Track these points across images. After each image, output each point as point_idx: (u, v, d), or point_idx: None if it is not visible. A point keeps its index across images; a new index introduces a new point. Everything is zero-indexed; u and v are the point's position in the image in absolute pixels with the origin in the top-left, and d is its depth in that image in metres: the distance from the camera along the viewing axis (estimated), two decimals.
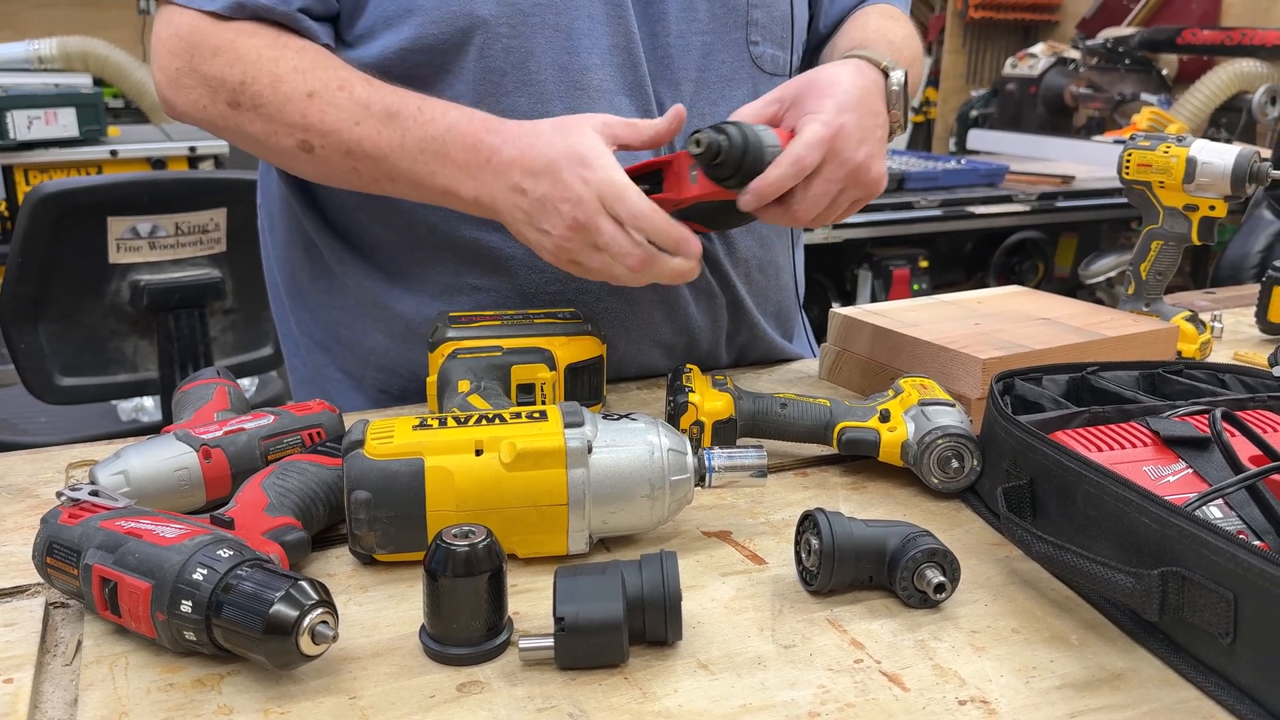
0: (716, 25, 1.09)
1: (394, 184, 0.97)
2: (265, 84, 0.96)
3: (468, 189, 0.93)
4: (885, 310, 1.16)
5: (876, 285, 3.57)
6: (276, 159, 1.03)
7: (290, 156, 0.99)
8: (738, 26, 1.11)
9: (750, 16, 1.11)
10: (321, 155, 0.97)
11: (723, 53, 1.10)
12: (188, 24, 0.99)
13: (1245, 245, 3.11)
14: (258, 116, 0.97)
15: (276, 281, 1.25)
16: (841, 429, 0.90)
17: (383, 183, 0.98)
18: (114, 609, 0.63)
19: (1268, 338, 1.37)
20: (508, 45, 1.00)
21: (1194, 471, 0.76)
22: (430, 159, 0.94)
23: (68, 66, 4.45)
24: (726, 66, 1.11)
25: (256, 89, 0.96)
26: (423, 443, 0.73)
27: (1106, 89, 4.95)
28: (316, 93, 0.95)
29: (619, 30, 1.04)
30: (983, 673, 0.63)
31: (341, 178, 1.00)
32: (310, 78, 0.96)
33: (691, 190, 0.92)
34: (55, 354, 2.05)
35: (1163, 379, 0.94)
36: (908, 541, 0.70)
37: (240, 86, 0.97)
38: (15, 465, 0.93)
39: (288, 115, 0.96)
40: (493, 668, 0.63)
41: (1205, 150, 1.13)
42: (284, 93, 0.96)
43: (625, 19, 1.04)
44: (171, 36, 1.00)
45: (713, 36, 1.09)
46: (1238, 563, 0.59)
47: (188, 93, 1.00)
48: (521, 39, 1.01)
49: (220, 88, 0.98)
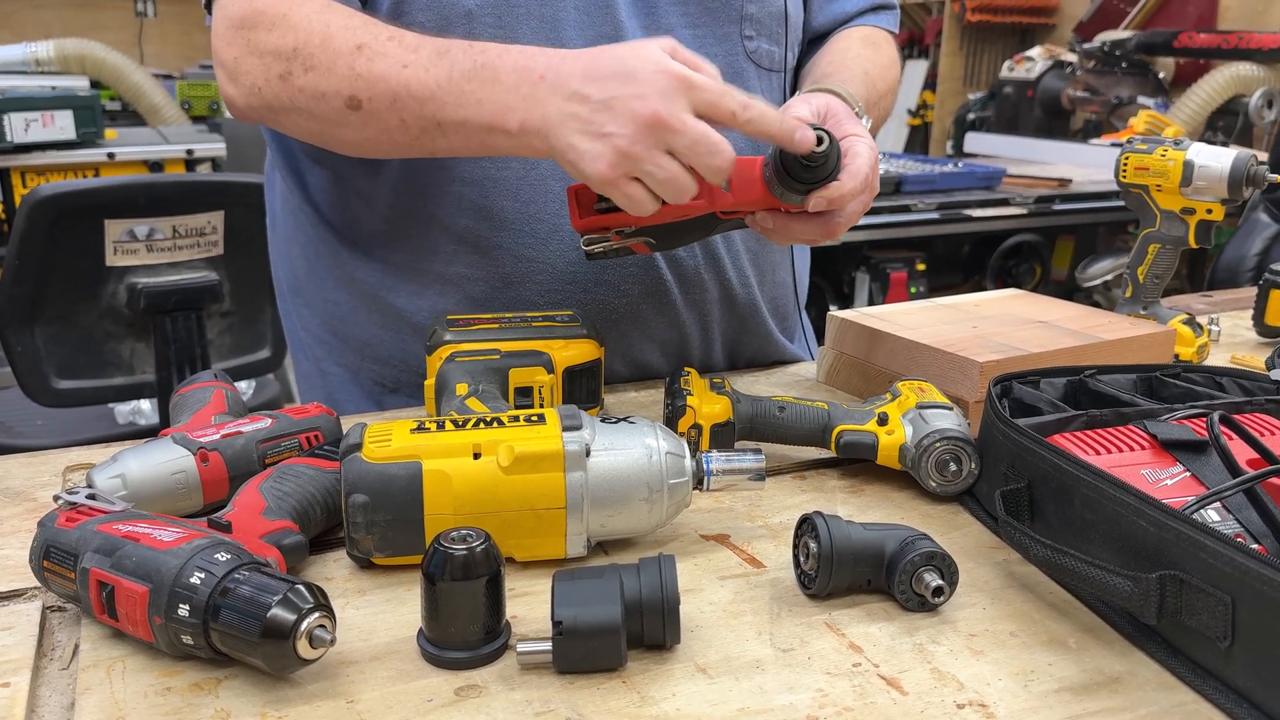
0: (709, 19, 1.10)
1: (440, 131, 0.91)
2: (316, 44, 0.93)
3: (515, 115, 0.86)
4: (883, 313, 1.16)
5: (874, 288, 3.57)
6: (327, 129, 0.98)
7: (339, 120, 0.95)
8: (731, 21, 1.11)
9: (744, 11, 1.12)
10: (369, 110, 0.92)
11: (716, 47, 1.11)
12: (243, 7, 0.97)
13: (1242, 248, 3.12)
14: (308, 81, 0.94)
15: (280, 278, 1.26)
16: (840, 432, 0.90)
17: (431, 132, 0.92)
18: (111, 613, 0.63)
19: (1265, 340, 1.37)
20: (494, 36, 1.01)
21: (1192, 475, 0.76)
22: (479, 86, 0.88)
23: (65, 69, 4.46)
24: (721, 61, 1.10)
25: (308, 51, 0.93)
26: (420, 446, 0.73)
27: (1103, 92, 4.96)
28: (366, 45, 0.92)
29: (607, 21, 1.04)
30: (981, 676, 0.63)
31: (388, 137, 0.95)
32: (360, 33, 0.93)
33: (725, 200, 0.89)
34: (52, 356, 2.05)
35: (1160, 382, 0.94)
36: (906, 545, 0.70)
37: (293, 53, 0.94)
38: (12, 468, 0.93)
39: (337, 70, 0.92)
40: (491, 671, 0.63)
41: (1202, 154, 1.13)
42: (334, 49, 0.93)
43: (613, 10, 1.05)
44: (228, 28, 0.98)
45: (705, 30, 1.10)
46: (1235, 566, 0.59)
47: (247, 78, 0.98)
48: (507, 30, 1.02)
49: (274, 61, 0.95)
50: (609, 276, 1.10)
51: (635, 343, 1.15)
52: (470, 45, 0.90)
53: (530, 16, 1.02)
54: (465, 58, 0.89)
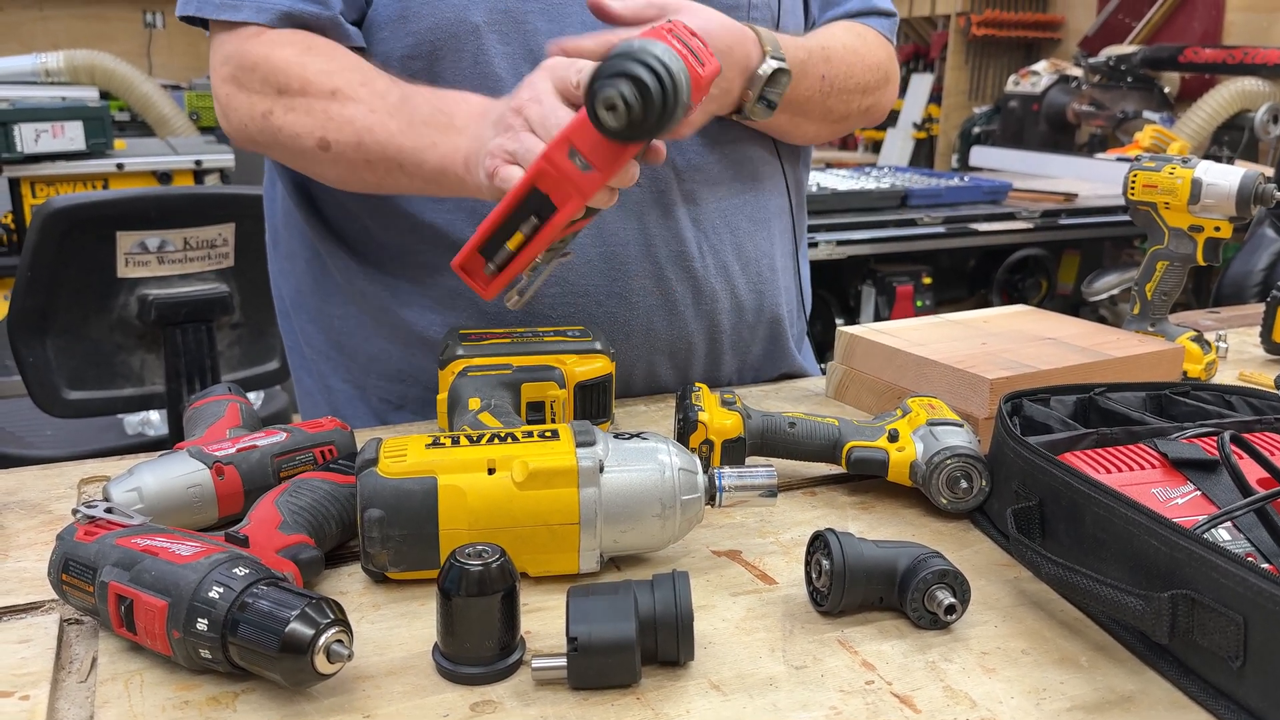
0: None
1: (402, 171, 0.97)
2: (295, 88, 0.99)
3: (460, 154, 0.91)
4: (892, 329, 1.16)
5: (880, 301, 3.57)
6: (304, 165, 1.06)
7: (313, 159, 1.01)
8: None
9: None
10: (337, 151, 0.98)
11: None
12: (233, 48, 1.03)
13: (1249, 263, 3.12)
14: (286, 122, 1.00)
15: (282, 295, 1.26)
16: (850, 448, 0.91)
17: (394, 172, 0.97)
18: (130, 626, 0.64)
19: (1272, 358, 1.37)
20: (502, 51, 1.03)
21: (1202, 494, 0.76)
22: (434, 130, 0.94)
23: (74, 80, 4.49)
24: None
25: (288, 94, 1.00)
26: (436, 461, 0.73)
27: (1109, 106, 4.97)
28: (340, 90, 0.98)
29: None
30: (993, 694, 0.63)
31: (357, 175, 1.01)
32: (336, 78, 0.99)
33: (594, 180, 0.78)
34: (62, 367, 2.06)
35: (1170, 400, 0.95)
36: (918, 562, 0.70)
37: (275, 95, 1.00)
38: (27, 481, 0.94)
39: (313, 113, 0.98)
40: (505, 687, 0.63)
41: (1210, 172, 1.14)
42: (310, 93, 0.99)
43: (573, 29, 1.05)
44: (221, 65, 1.05)
45: None
46: (1247, 586, 0.59)
47: (235, 115, 1.05)
48: (513, 45, 1.03)
49: (259, 100, 1.01)
50: (619, 289, 1.10)
51: (645, 354, 1.15)
52: (434, 93, 0.97)
53: (538, 33, 1.03)
54: (426, 104, 0.95)
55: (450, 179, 0.94)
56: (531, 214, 0.80)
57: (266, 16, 1.02)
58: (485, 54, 1.03)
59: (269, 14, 1.02)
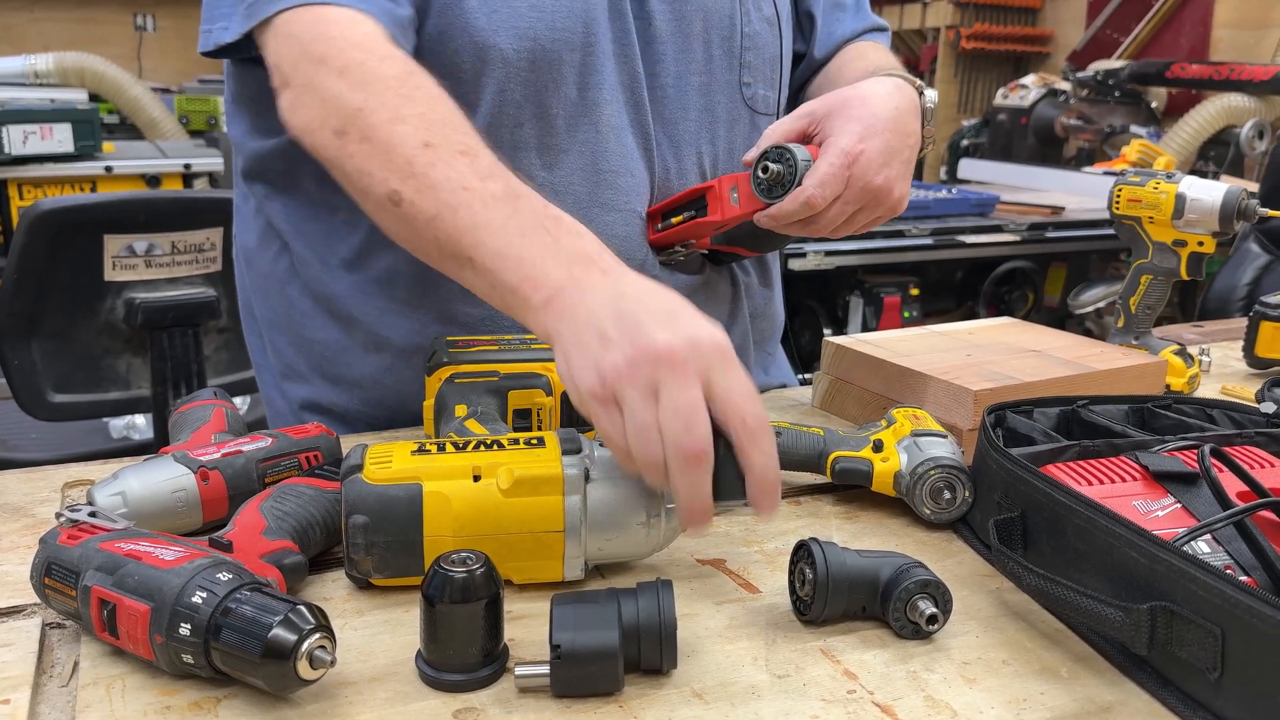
0: (712, 67, 1.12)
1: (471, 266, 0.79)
2: (383, 118, 0.84)
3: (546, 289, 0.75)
4: (878, 340, 1.17)
5: (868, 312, 3.58)
6: (363, 203, 0.89)
7: (376, 205, 0.86)
8: (732, 69, 1.14)
9: (744, 59, 1.14)
10: (405, 212, 0.83)
11: (719, 94, 1.13)
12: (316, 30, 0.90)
13: (1233, 277, 3.14)
14: (359, 150, 0.85)
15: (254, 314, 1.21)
16: (835, 458, 0.91)
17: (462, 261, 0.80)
18: (112, 631, 0.63)
19: (1255, 372, 1.38)
20: (527, 79, 1.02)
21: (1182, 507, 0.77)
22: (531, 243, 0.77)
23: (64, 82, 4.47)
24: (722, 107, 1.14)
25: (371, 121, 0.84)
26: (421, 468, 0.73)
27: (1096, 121, 5.00)
28: (434, 145, 0.83)
29: (625, 69, 1.07)
30: (974, 704, 0.64)
31: (411, 244, 0.86)
32: (435, 131, 0.84)
33: (734, 210, 1.03)
34: (48, 370, 2.05)
35: (1152, 413, 0.96)
36: (901, 573, 0.71)
37: (355, 114, 0.85)
38: (11, 484, 0.94)
39: (393, 158, 0.83)
40: (488, 694, 0.64)
41: (1194, 187, 1.14)
42: (399, 133, 0.83)
43: (632, 59, 1.07)
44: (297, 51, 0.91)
45: (708, 78, 1.12)
46: (1225, 598, 0.59)
47: (301, 114, 0.90)
48: (540, 73, 1.02)
49: (333, 111, 0.87)
50: None
51: None
52: (546, 205, 0.80)
53: (564, 63, 1.03)
54: (531, 214, 0.79)
55: (515, 301, 0.77)
56: (693, 209, 1.07)
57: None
58: (510, 82, 1.01)
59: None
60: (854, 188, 0.98)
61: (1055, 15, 6.10)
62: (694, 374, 0.67)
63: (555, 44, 1.01)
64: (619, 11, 1.06)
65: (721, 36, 1.12)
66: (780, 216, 0.98)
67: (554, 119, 1.04)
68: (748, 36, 1.14)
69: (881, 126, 0.99)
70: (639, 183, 1.10)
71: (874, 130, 0.98)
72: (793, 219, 0.98)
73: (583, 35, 1.03)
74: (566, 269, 0.75)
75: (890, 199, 1.00)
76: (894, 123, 1.00)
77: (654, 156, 1.10)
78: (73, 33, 5.87)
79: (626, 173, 1.08)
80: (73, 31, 5.90)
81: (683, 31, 1.09)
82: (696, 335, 0.69)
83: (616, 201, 1.08)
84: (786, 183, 0.98)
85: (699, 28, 1.10)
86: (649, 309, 0.70)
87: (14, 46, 5.31)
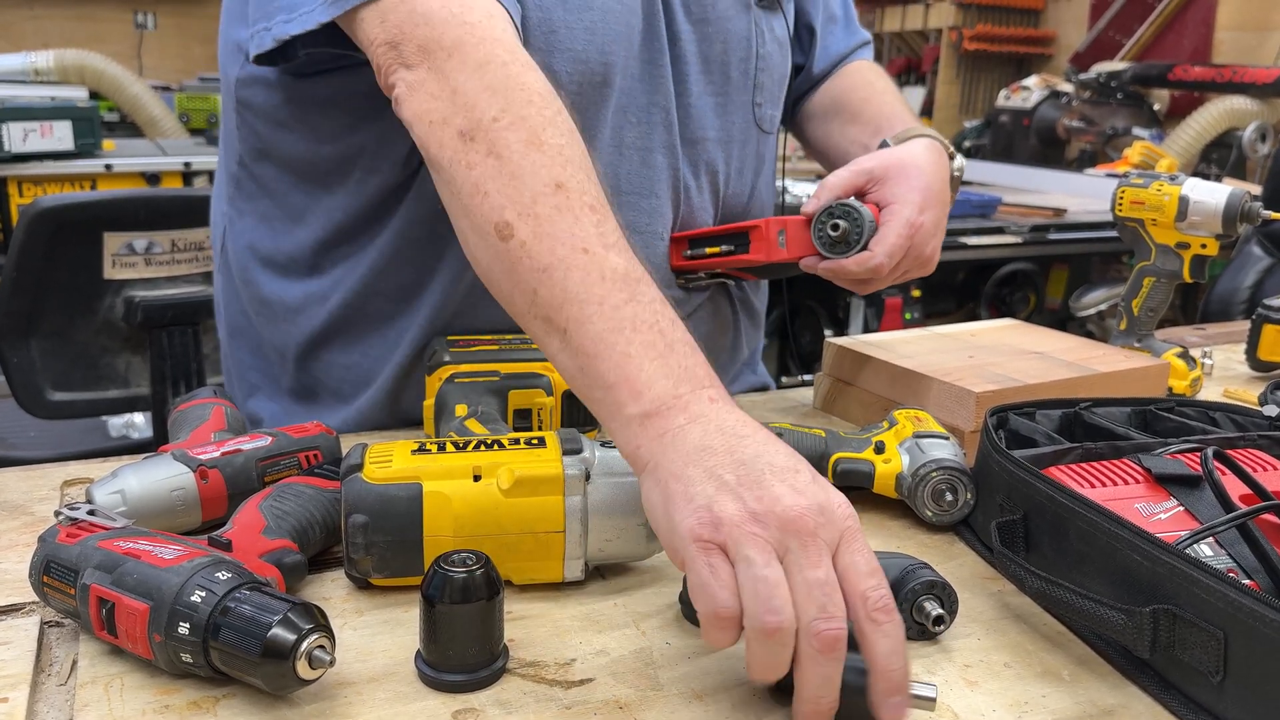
0: (729, 88, 1.13)
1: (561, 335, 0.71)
2: (518, 140, 0.76)
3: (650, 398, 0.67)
4: (880, 341, 1.17)
5: (869, 313, 3.58)
6: (461, 218, 0.79)
7: (477, 229, 0.76)
8: (746, 90, 1.15)
9: (757, 80, 1.15)
10: (510, 253, 0.74)
11: (735, 114, 1.14)
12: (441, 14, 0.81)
13: (1235, 280, 3.14)
14: (482, 164, 0.76)
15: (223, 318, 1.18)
16: (836, 460, 0.91)
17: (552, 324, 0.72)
18: (111, 629, 0.63)
19: (1257, 375, 1.38)
20: (575, 103, 0.95)
21: (1185, 509, 0.76)
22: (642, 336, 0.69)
23: (64, 79, 4.46)
24: (737, 128, 1.15)
25: (505, 138, 0.76)
26: (421, 468, 0.73)
27: (1099, 122, 4.99)
28: (566, 188, 0.74)
29: (659, 91, 1.06)
30: (975, 708, 0.63)
31: (506, 290, 0.76)
32: (569, 172, 0.75)
33: (781, 254, 1.04)
34: (47, 368, 2.04)
35: (1154, 416, 0.95)
36: (907, 573, 0.70)
37: (490, 121, 0.77)
38: (9, 482, 0.93)
39: (520, 189, 0.74)
40: (488, 695, 0.63)
41: (1197, 189, 1.14)
42: (531, 162, 0.75)
43: (663, 80, 1.06)
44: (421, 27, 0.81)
45: (725, 99, 1.13)
46: (1228, 601, 0.59)
47: (427, 101, 0.80)
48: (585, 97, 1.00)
49: (464, 110, 0.78)
50: None
51: None
52: (664, 304, 0.72)
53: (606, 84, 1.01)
54: (648, 308, 0.70)
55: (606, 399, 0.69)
56: (733, 244, 1.07)
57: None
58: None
59: None
60: (910, 256, 1.02)
61: (1057, 17, 6.09)
62: (825, 547, 0.59)
63: (604, 68, 1.00)
64: (654, 33, 1.05)
65: (739, 58, 1.12)
66: (841, 274, 1.01)
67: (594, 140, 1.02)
68: (761, 58, 1.15)
69: (934, 199, 1.04)
70: (662, 204, 1.09)
71: (930, 202, 1.03)
72: (852, 277, 1.01)
73: (623, 60, 1.02)
74: (674, 385, 0.67)
75: (930, 264, 1.06)
76: (942, 195, 1.06)
77: (678, 177, 1.10)
78: (73, 30, 5.87)
79: (650, 194, 1.08)
80: (73, 29, 5.90)
81: (704, 54, 1.10)
82: (828, 503, 0.61)
83: (639, 223, 1.08)
84: (851, 242, 1.00)
85: (719, 49, 1.10)
86: (772, 464, 0.63)
87: (14, 44, 5.31)
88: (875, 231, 1.01)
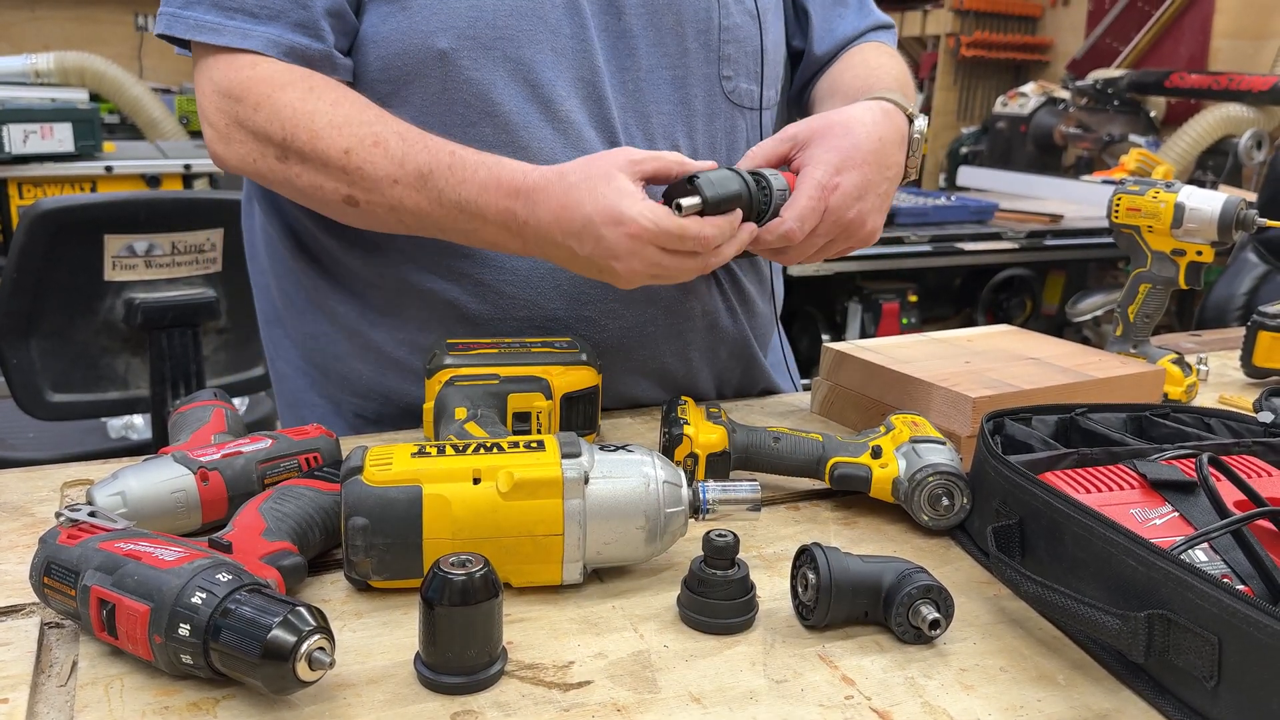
0: (688, 60, 1.11)
1: (443, 234, 1.00)
2: (304, 139, 0.97)
3: (514, 245, 0.97)
4: (877, 346, 1.17)
5: (866, 318, 3.59)
6: (327, 211, 1.03)
7: (339, 210, 1.01)
8: (710, 62, 1.12)
9: (722, 52, 1.13)
10: (367, 210, 0.99)
11: (696, 87, 1.12)
12: (228, 78, 0.99)
13: (1231, 287, 3.15)
14: (304, 171, 0.98)
15: (260, 307, 1.25)
16: (834, 464, 0.91)
17: (431, 233, 1.00)
18: (111, 631, 0.63)
19: (1252, 381, 1.38)
20: (469, 77, 1.02)
21: (1180, 515, 0.77)
22: (469, 219, 0.96)
23: (65, 81, 4.46)
24: (700, 100, 1.12)
25: (297, 145, 0.97)
26: (421, 470, 0.73)
27: (1095, 129, 5.00)
28: (352, 150, 0.96)
29: (583, 64, 1.06)
30: (971, 711, 0.64)
31: (390, 229, 1.02)
32: (345, 133, 0.96)
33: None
34: (47, 370, 2.05)
35: (1150, 422, 0.96)
36: (903, 577, 0.71)
37: (283, 142, 0.98)
38: (10, 483, 0.94)
39: (330, 170, 0.97)
40: (487, 697, 0.64)
41: (1193, 196, 1.15)
42: (322, 149, 0.96)
43: (590, 53, 1.06)
44: (214, 92, 1.01)
45: (684, 71, 1.11)
46: (1222, 607, 0.60)
47: (238, 147, 1.01)
48: (483, 71, 1.02)
49: (267, 141, 0.99)
50: (590, 313, 1.10)
51: (620, 375, 1.14)
52: (449, 169, 0.95)
53: (506, 59, 1.02)
54: (449, 189, 0.95)
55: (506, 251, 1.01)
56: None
57: (255, 43, 0.98)
58: (452, 81, 1.02)
59: (257, 41, 0.98)
60: (827, 221, 0.98)
61: (1055, 24, 6.11)
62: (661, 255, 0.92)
63: (497, 41, 1.01)
64: (575, 7, 1.04)
65: (697, 29, 1.11)
66: (756, 245, 0.98)
67: (508, 116, 1.03)
68: (726, 29, 1.12)
69: (861, 159, 0.99)
70: None
71: (852, 162, 0.98)
72: (768, 248, 0.98)
73: (528, 32, 1.02)
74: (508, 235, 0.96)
75: (862, 232, 1.02)
76: (875, 154, 1.00)
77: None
78: (73, 32, 5.86)
79: None
80: (73, 31, 5.90)
81: (654, 24, 1.08)
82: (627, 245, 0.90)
83: None
84: (762, 211, 0.96)
85: (671, 20, 1.09)
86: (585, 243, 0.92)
87: (14, 46, 5.31)
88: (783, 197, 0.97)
